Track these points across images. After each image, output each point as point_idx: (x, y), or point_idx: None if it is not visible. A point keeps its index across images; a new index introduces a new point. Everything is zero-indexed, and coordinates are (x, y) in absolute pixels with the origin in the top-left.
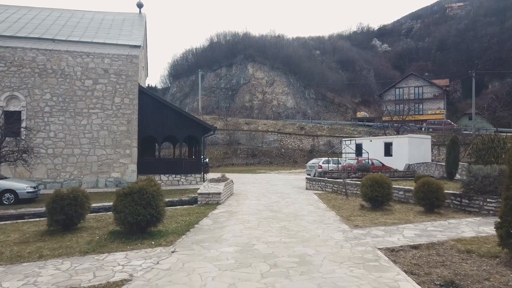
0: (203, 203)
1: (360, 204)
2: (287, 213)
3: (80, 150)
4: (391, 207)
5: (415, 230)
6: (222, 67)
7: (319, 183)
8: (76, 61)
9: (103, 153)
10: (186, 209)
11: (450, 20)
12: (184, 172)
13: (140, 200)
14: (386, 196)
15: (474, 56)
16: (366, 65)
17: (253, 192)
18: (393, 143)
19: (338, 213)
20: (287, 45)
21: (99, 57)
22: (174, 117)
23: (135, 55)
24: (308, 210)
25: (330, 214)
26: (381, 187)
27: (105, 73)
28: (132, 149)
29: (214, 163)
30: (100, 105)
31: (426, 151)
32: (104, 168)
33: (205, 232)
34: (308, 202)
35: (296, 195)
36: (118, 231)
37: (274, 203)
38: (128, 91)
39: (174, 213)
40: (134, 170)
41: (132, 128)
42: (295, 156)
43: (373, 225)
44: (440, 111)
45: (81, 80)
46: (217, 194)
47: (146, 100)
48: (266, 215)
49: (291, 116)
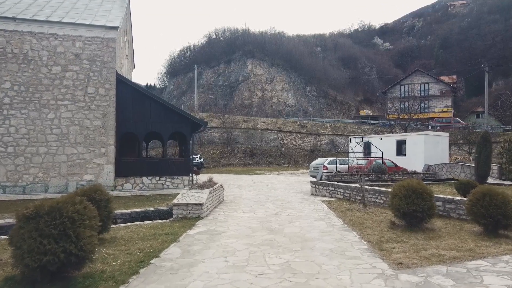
0: (179, 217)
1: (390, 221)
2: (290, 235)
3: (46, 148)
4: (432, 225)
5: (500, 275)
6: (220, 64)
7: (327, 188)
8: (41, 44)
9: (74, 152)
10: (154, 227)
11: (453, 18)
12: (170, 174)
13: (49, 229)
14: (428, 211)
15: (477, 54)
16: (368, 63)
17: (248, 198)
18: (406, 141)
19: (363, 235)
20: (288, 41)
21: (70, 39)
22: (158, 110)
23: (112, 38)
24: (319, 229)
25: (351, 237)
26: (421, 199)
27: (77, 59)
28: (109, 148)
29: (210, 163)
30: (70, 96)
31: (443, 150)
32: (75, 170)
33: (162, 277)
34: (317, 215)
35: (300, 204)
36: (17, 279)
37: (273, 216)
38: (104, 79)
39: (135, 234)
40: (110, 172)
41: (109, 123)
42: (296, 156)
43: (425, 262)
44: (448, 109)
45: (47, 67)
46: (198, 205)
47: (125, 91)
48: (261, 239)
49: (291, 114)
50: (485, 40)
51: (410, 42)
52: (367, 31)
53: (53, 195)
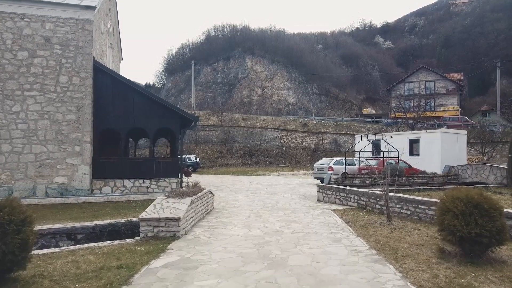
0: (148, 236)
1: (439, 247)
2: (298, 272)
3: (10, 146)
4: (499, 254)
5: None
6: (219, 61)
7: (337, 193)
8: (5, 26)
9: (44, 150)
10: (108, 253)
11: (455, 16)
12: (156, 176)
13: None
14: (497, 235)
15: (480, 53)
16: (370, 61)
17: (243, 206)
18: (420, 139)
19: (404, 271)
20: (288, 39)
21: (38, 20)
22: (143, 104)
23: (88, 20)
24: (338, 259)
25: (389, 276)
26: (487, 217)
27: (47, 43)
28: (84, 145)
29: (206, 163)
30: (39, 86)
31: (461, 150)
32: (45, 171)
33: None
34: (330, 233)
35: (307, 215)
36: None
37: (274, 234)
38: (79, 67)
39: (73, 267)
40: (86, 174)
41: (84, 117)
42: (297, 156)
43: None
44: (454, 107)
45: (12, 52)
46: (173, 221)
47: (104, 81)
48: (255, 279)
49: (292, 112)
50: (488, 39)
51: (412, 41)
52: (368, 29)
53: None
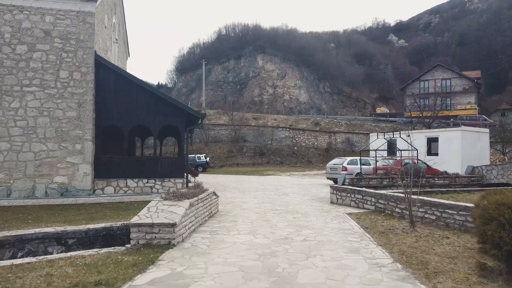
0: (140, 243)
1: (479, 262)
2: None
3: (9, 144)
4: None
5: None
6: (230, 60)
7: (352, 195)
8: (3, 19)
9: (43, 148)
10: (89, 265)
11: (471, 14)
12: (160, 176)
13: None
14: None
15: (497, 50)
16: (383, 60)
17: (250, 209)
18: (439, 138)
19: None
20: (300, 37)
21: (38, 13)
22: (147, 100)
23: (90, 12)
24: (357, 275)
25: None
26: None
27: (46, 36)
28: (85, 143)
29: (216, 162)
30: (38, 81)
31: (483, 149)
32: (44, 170)
33: None
34: (347, 241)
35: (319, 219)
36: None
37: (282, 242)
38: (80, 62)
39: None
40: (87, 173)
41: (85, 113)
42: (309, 155)
43: None
44: (471, 106)
45: (10, 46)
46: (167, 226)
47: (107, 76)
48: None
49: (304, 111)
50: (505, 36)
51: (426, 39)
52: (381, 28)
53: (16, 200)
